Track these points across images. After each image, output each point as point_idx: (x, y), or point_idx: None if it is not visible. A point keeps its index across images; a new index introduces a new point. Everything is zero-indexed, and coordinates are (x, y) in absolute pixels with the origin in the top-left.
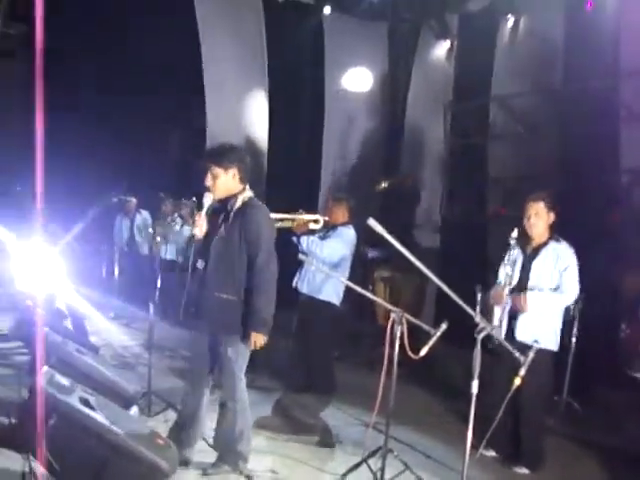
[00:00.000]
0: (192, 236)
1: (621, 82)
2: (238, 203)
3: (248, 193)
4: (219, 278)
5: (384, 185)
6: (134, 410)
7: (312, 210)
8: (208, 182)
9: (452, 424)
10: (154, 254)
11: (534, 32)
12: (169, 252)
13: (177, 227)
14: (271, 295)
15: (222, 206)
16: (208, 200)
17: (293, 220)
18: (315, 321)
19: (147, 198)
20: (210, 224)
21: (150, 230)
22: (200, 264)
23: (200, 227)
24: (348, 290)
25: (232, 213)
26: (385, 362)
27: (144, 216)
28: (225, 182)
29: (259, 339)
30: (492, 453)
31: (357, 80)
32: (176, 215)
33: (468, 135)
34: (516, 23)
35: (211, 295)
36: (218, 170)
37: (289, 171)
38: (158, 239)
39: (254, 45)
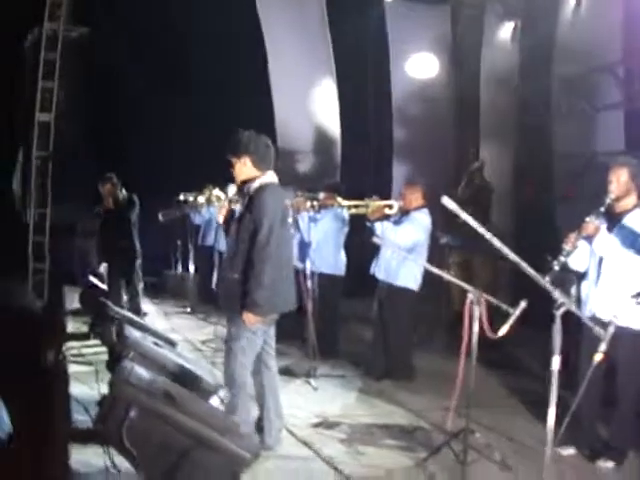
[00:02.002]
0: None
1: None
2: (254, 186)
3: (267, 178)
4: (231, 258)
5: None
6: (214, 401)
7: (386, 197)
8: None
9: (534, 405)
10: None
11: (595, 9)
12: None
13: None
14: (264, 277)
15: (242, 192)
16: (232, 189)
17: (367, 206)
18: (393, 307)
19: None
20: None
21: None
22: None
23: (221, 214)
24: (424, 275)
25: (248, 196)
26: (465, 341)
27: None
28: (240, 169)
29: (248, 318)
30: (571, 451)
31: (422, 65)
32: None
33: (535, 114)
34: (578, 1)
35: (225, 275)
36: (233, 159)
37: (360, 158)
38: None
39: (318, 35)
